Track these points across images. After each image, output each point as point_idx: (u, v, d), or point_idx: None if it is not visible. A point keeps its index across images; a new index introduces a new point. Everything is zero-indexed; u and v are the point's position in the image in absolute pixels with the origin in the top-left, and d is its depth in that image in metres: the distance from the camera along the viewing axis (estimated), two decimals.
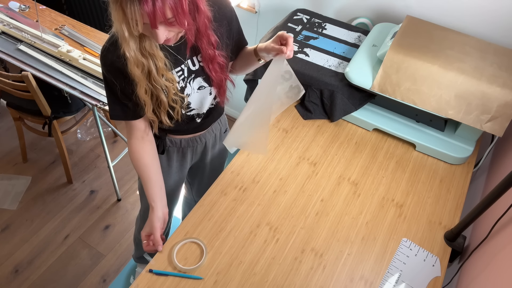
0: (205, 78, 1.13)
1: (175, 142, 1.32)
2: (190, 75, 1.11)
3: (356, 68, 1.31)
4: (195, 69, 1.11)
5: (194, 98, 1.17)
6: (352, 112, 1.38)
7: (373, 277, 1.05)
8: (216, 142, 1.43)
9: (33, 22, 2.04)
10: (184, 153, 1.37)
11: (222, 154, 1.54)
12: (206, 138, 1.36)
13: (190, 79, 1.12)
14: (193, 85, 1.13)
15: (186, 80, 1.11)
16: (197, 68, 1.11)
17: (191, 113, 1.21)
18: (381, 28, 1.46)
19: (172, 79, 1.05)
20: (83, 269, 1.98)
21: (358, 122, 1.41)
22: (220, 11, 1.08)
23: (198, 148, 1.39)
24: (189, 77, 1.11)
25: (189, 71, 1.11)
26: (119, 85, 1.04)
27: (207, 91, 1.17)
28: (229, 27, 1.12)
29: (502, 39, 1.43)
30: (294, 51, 1.45)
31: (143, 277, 1.02)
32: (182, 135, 1.30)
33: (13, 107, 2.06)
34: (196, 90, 1.15)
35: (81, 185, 2.32)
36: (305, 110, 1.44)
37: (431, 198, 1.23)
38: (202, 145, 1.39)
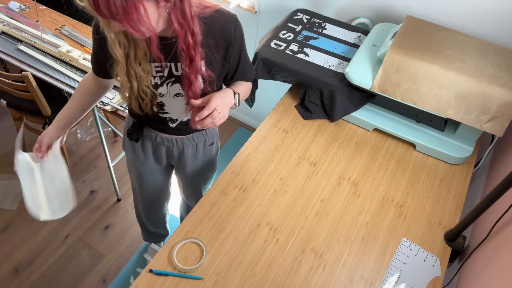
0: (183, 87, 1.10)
1: (151, 135, 1.32)
2: (170, 78, 1.10)
3: (356, 68, 1.31)
4: (177, 75, 1.09)
5: (170, 102, 1.16)
6: (352, 112, 1.38)
7: (373, 277, 1.05)
8: (198, 152, 1.38)
9: (33, 22, 2.04)
10: (159, 150, 1.37)
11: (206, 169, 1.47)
12: (184, 144, 1.33)
13: (168, 82, 1.11)
14: (170, 89, 1.12)
15: (164, 81, 1.10)
16: (179, 75, 1.09)
17: (165, 115, 1.21)
18: (381, 28, 1.46)
19: (148, 70, 1.05)
20: (83, 269, 1.98)
21: (358, 122, 1.41)
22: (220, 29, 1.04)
23: (174, 151, 1.36)
24: (168, 79, 1.10)
25: (170, 74, 1.09)
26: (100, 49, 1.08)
27: (184, 100, 1.15)
28: (226, 51, 1.08)
29: (502, 39, 1.43)
30: (294, 51, 1.45)
31: (143, 277, 1.02)
32: (157, 131, 1.30)
33: (13, 107, 2.06)
34: (172, 95, 1.14)
35: (81, 185, 2.32)
36: (305, 110, 1.44)
37: (431, 198, 1.23)
38: (179, 149, 1.36)
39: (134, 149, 1.39)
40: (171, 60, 1.07)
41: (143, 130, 1.31)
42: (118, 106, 1.70)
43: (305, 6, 1.79)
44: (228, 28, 1.05)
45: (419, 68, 1.19)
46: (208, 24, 1.01)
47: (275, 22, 1.87)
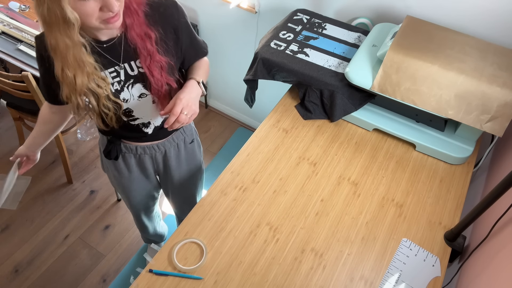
0: (145, 86, 1.09)
1: (131, 148, 1.28)
2: (128, 80, 1.06)
3: (356, 68, 1.31)
4: (134, 75, 1.06)
5: (136, 106, 1.12)
6: (352, 112, 1.38)
7: (373, 277, 1.05)
8: (180, 152, 1.37)
9: (33, 22, 2.04)
10: (142, 160, 1.33)
11: (192, 168, 1.47)
12: (166, 147, 1.32)
13: (128, 84, 1.07)
14: (132, 92, 1.09)
15: (123, 84, 1.07)
16: (136, 74, 1.06)
17: (135, 122, 1.17)
18: (381, 28, 1.46)
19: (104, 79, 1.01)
20: (83, 269, 1.98)
21: (358, 122, 1.41)
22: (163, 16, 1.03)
23: (158, 156, 1.34)
24: (127, 82, 1.07)
25: (127, 75, 1.06)
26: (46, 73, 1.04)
27: (149, 99, 1.12)
28: (175, 36, 1.07)
29: (502, 39, 1.43)
30: (294, 51, 1.45)
31: (143, 277, 1.02)
32: (136, 142, 1.27)
33: (13, 107, 2.06)
34: (136, 97, 1.10)
35: (81, 185, 2.32)
36: (305, 110, 1.44)
37: (431, 198, 1.23)
38: (162, 154, 1.34)
39: (116, 167, 1.35)
40: (124, 61, 1.03)
41: (120, 145, 1.27)
42: None
43: (305, 6, 1.79)
44: (170, 13, 1.03)
45: (419, 68, 1.19)
46: (150, 14, 1.00)
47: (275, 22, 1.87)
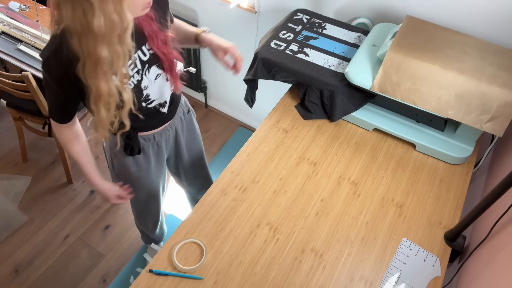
0: (159, 65, 1.12)
1: (149, 138, 1.31)
2: (144, 66, 1.08)
3: (356, 68, 1.31)
4: (147, 59, 1.08)
5: (153, 89, 1.15)
6: (352, 112, 1.38)
7: (373, 277, 1.05)
8: (184, 126, 1.43)
9: (33, 22, 2.04)
10: (159, 146, 1.37)
11: (195, 136, 1.54)
12: (175, 125, 1.38)
13: (145, 71, 1.09)
14: (150, 76, 1.11)
15: (142, 73, 1.08)
16: (148, 57, 1.08)
17: (152, 105, 1.19)
18: (381, 28, 1.46)
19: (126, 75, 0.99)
20: (83, 269, 1.98)
21: (358, 122, 1.41)
22: None
23: (170, 137, 1.40)
24: (143, 68, 1.08)
25: (142, 62, 1.08)
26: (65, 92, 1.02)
27: (164, 77, 1.16)
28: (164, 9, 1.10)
29: (502, 39, 1.43)
30: (294, 51, 1.45)
31: (143, 277, 1.02)
32: (154, 130, 1.30)
33: (13, 107, 2.06)
34: (153, 80, 1.13)
35: (81, 185, 2.32)
36: (305, 110, 1.44)
37: (431, 198, 1.23)
38: (174, 133, 1.40)
39: (136, 162, 1.35)
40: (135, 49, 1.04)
41: (138, 138, 1.27)
42: None
43: (305, 6, 1.79)
44: None
45: (419, 68, 1.19)
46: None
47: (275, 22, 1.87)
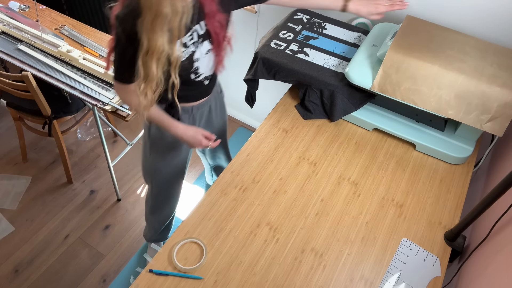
0: (211, 41, 1.19)
1: (187, 109, 1.37)
2: (199, 40, 1.16)
3: (356, 68, 1.31)
4: (203, 33, 1.16)
5: (203, 62, 1.22)
6: (352, 112, 1.38)
7: (373, 277, 1.05)
8: (217, 103, 1.51)
9: (33, 22, 2.04)
10: (194, 119, 1.42)
11: (224, 115, 1.62)
12: (211, 101, 1.44)
13: (199, 44, 1.16)
14: (202, 50, 1.18)
15: (196, 45, 1.16)
16: (204, 32, 1.16)
17: (200, 78, 1.26)
18: (381, 28, 1.46)
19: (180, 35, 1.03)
20: (83, 269, 1.98)
21: (358, 122, 1.41)
22: None
23: (205, 113, 1.46)
24: (198, 41, 1.16)
25: (198, 36, 1.15)
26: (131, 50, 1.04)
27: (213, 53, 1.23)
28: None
29: (502, 39, 1.43)
30: (294, 51, 1.45)
31: (143, 277, 1.02)
32: (193, 102, 1.36)
33: (13, 107, 2.06)
34: (204, 54, 1.20)
35: (81, 185, 2.32)
36: (305, 110, 1.44)
37: (431, 198, 1.23)
38: (208, 109, 1.46)
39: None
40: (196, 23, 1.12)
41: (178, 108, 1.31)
42: (118, 106, 1.70)
43: None
44: None
45: (419, 68, 1.19)
46: None
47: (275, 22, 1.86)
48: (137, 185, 2.34)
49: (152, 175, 1.59)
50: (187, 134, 1.26)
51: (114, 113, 1.71)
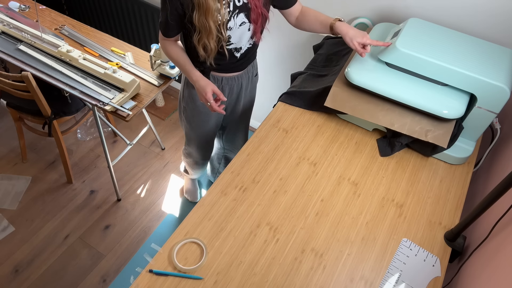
0: (247, 14, 1.28)
1: (217, 79, 1.47)
2: (235, 10, 1.26)
3: (357, 68, 1.31)
4: (240, 5, 1.25)
5: (235, 33, 1.31)
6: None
7: (373, 277, 1.05)
8: (249, 84, 1.59)
9: (33, 22, 2.04)
10: (223, 91, 1.50)
11: (252, 97, 1.71)
12: (242, 79, 1.52)
13: (234, 14, 1.26)
14: (236, 21, 1.28)
15: (231, 14, 1.25)
16: (241, 4, 1.26)
17: (230, 47, 1.35)
18: (381, 28, 1.46)
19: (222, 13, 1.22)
20: (83, 269, 1.98)
21: (358, 122, 1.41)
22: None
23: (235, 88, 1.54)
24: (234, 11, 1.26)
25: (235, 6, 1.25)
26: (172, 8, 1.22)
27: (247, 27, 1.32)
28: None
29: (502, 39, 1.43)
30: None
31: (143, 277, 1.02)
32: (224, 73, 1.45)
33: (13, 107, 2.06)
34: (238, 25, 1.29)
35: (81, 185, 2.32)
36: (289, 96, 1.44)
37: (431, 198, 1.23)
38: (239, 86, 1.52)
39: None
40: None
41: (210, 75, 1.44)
42: (118, 106, 1.70)
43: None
44: None
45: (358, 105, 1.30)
46: None
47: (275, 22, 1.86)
48: (137, 185, 2.34)
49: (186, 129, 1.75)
50: (200, 82, 1.35)
51: (114, 113, 1.71)
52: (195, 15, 1.20)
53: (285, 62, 2.10)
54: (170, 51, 1.38)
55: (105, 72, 1.75)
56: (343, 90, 1.33)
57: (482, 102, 1.19)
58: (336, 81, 1.35)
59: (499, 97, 1.15)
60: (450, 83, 1.20)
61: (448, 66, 1.17)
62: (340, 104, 1.31)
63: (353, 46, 1.25)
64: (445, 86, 1.23)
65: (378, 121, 1.28)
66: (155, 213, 2.21)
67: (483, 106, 1.20)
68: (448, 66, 1.17)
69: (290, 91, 1.47)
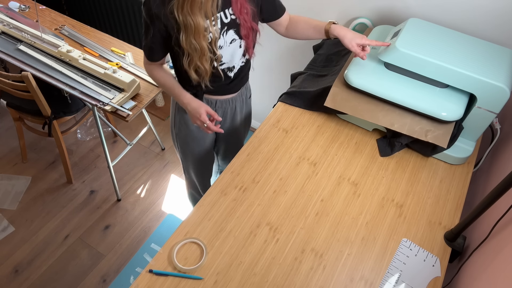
0: (236, 31, 1.22)
1: (211, 102, 1.41)
2: (223, 28, 1.19)
3: (356, 70, 1.31)
4: (227, 22, 1.19)
5: (227, 51, 1.25)
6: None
7: (373, 277, 1.05)
8: (243, 106, 1.53)
9: (33, 22, 2.04)
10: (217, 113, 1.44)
11: (248, 120, 1.66)
12: (236, 101, 1.46)
13: (223, 31, 1.20)
14: (226, 38, 1.22)
15: (220, 32, 1.19)
16: (229, 21, 1.19)
17: (222, 66, 1.29)
18: (380, 30, 1.46)
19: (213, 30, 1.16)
20: (83, 269, 1.98)
21: (358, 122, 1.41)
22: None
23: (229, 111, 1.48)
24: (222, 29, 1.19)
25: (222, 23, 1.18)
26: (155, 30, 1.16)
27: (238, 44, 1.26)
28: None
29: (502, 39, 1.43)
30: None
31: (143, 277, 1.02)
32: (217, 95, 1.39)
33: (13, 107, 2.06)
34: (228, 43, 1.23)
35: (81, 185, 2.32)
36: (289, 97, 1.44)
37: (431, 198, 1.23)
38: (233, 109, 1.48)
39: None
40: (219, 10, 1.16)
41: (203, 98, 1.39)
42: (118, 106, 1.70)
43: (305, 7, 1.79)
44: None
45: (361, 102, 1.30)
46: None
47: None
48: (137, 185, 2.34)
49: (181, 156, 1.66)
50: (192, 104, 1.27)
51: (114, 113, 1.71)
52: (182, 37, 1.11)
53: (285, 62, 2.10)
54: (156, 75, 1.30)
55: (105, 72, 1.75)
56: (343, 90, 1.32)
57: (482, 102, 1.19)
58: (336, 81, 1.34)
59: (499, 97, 1.15)
60: (450, 83, 1.20)
61: (448, 66, 1.17)
62: (340, 104, 1.31)
63: (352, 49, 1.21)
64: (444, 88, 1.24)
65: (378, 121, 1.27)
66: (155, 213, 2.21)
67: (483, 106, 1.20)
68: (448, 66, 1.17)
69: (290, 91, 1.47)
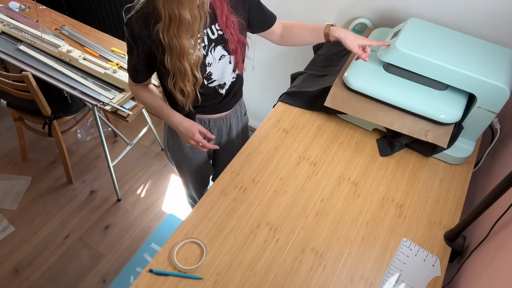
0: (225, 46, 1.18)
1: (204, 121, 1.37)
2: (211, 44, 1.16)
3: (355, 73, 1.30)
4: (215, 38, 1.16)
5: (216, 68, 1.21)
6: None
7: (373, 277, 1.05)
8: (239, 122, 1.49)
9: (33, 22, 2.04)
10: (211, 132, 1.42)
11: (245, 134, 1.60)
12: (231, 119, 1.43)
13: (211, 48, 1.16)
14: (215, 55, 1.18)
15: (207, 49, 1.16)
16: (216, 37, 1.16)
17: (213, 84, 1.25)
18: (380, 33, 1.47)
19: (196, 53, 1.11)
20: (83, 269, 1.98)
21: (358, 122, 1.41)
22: None
23: (224, 129, 1.45)
24: (210, 46, 1.16)
25: (209, 40, 1.15)
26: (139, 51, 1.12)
27: (227, 59, 1.22)
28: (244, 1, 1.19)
29: (502, 39, 1.43)
30: None
31: (143, 277, 1.02)
32: (210, 114, 1.36)
33: (13, 107, 2.06)
34: (217, 60, 1.19)
35: (81, 185, 2.32)
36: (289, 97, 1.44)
37: (431, 198, 1.23)
38: (228, 126, 1.45)
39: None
40: (205, 26, 1.12)
41: (195, 118, 1.34)
42: (118, 106, 1.70)
43: (305, 8, 1.79)
44: None
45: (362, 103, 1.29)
46: None
47: None
48: (137, 185, 2.34)
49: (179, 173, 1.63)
50: (183, 124, 1.22)
51: (114, 113, 1.71)
52: (167, 58, 1.08)
53: (285, 62, 2.10)
54: (143, 96, 1.25)
55: (105, 72, 1.75)
56: (343, 90, 1.32)
57: (482, 102, 1.19)
58: (336, 81, 1.34)
59: (499, 97, 1.15)
60: (450, 83, 1.20)
61: (448, 66, 1.17)
62: (340, 104, 1.31)
63: (354, 50, 1.20)
64: (443, 91, 1.24)
65: (378, 121, 1.27)
66: (155, 213, 2.22)
67: (483, 106, 1.20)
68: (448, 66, 1.17)
69: (290, 91, 1.47)
